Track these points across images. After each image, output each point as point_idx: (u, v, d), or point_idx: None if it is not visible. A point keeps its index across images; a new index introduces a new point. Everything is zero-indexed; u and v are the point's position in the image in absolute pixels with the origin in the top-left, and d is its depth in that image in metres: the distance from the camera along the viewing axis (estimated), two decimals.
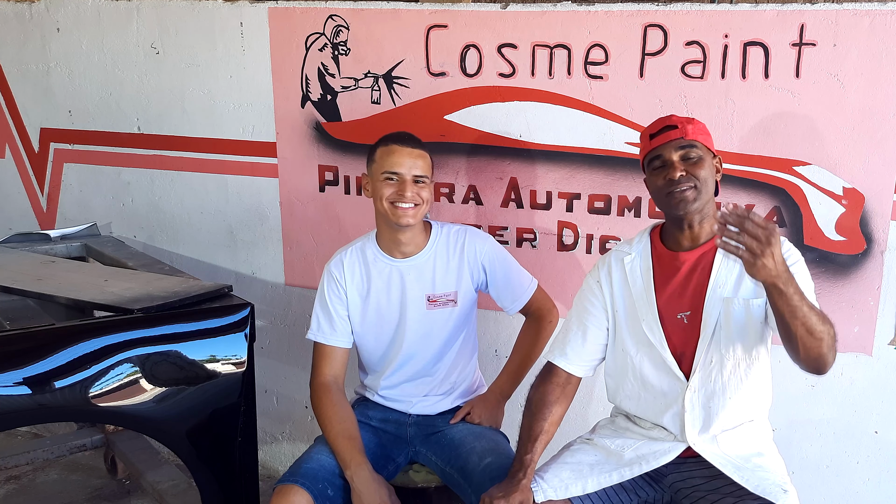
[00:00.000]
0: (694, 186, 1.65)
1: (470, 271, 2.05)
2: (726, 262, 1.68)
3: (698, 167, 1.67)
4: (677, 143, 1.68)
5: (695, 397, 1.69)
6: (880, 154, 2.03)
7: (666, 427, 1.74)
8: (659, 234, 1.80)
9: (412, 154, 1.94)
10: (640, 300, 1.74)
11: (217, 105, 2.70)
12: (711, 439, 1.70)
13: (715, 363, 1.68)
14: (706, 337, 1.67)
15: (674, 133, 1.69)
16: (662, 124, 1.72)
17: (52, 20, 2.85)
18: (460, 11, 2.30)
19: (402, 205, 1.91)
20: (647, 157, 1.75)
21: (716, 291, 1.67)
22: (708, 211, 1.71)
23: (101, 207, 2.97)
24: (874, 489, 2.25)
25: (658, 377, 1.73)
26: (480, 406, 2.07)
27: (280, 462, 2.96)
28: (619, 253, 1.81)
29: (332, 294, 2.03)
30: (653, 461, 1.72)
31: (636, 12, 2.13)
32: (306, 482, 1.80)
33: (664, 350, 1.71)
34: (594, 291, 1.82)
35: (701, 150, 1.69)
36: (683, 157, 1.68)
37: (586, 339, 1.81)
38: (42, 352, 1.74)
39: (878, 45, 1.97)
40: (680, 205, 1.66)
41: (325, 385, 2.00)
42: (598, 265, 1.85)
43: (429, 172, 1.97)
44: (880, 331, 2.14)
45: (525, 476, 1.68)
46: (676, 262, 1.73)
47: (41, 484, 2.91)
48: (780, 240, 1.43)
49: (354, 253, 2.05)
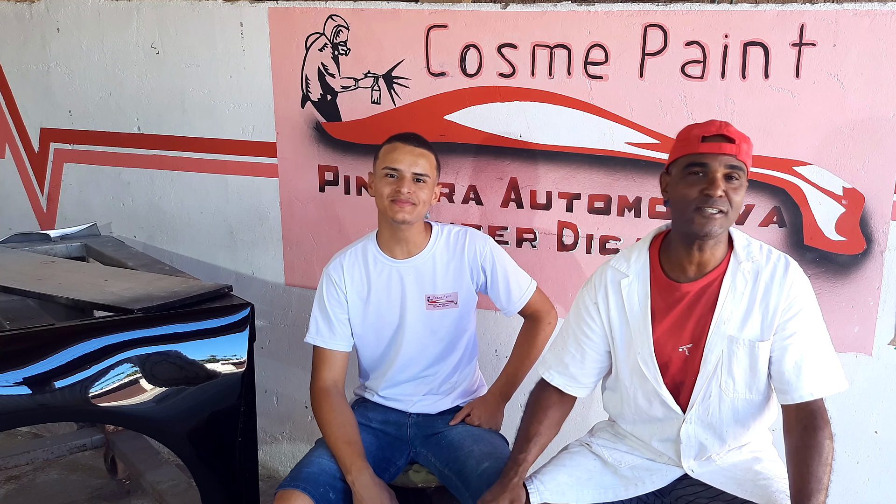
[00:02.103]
0: (725, 213, 1.52)
1: (470, 272, 2.05)
2: (732, 296, 1.59)
3: (737, 193, 1.53)
4: (728, 160, 1.52)
5: (691, 430, 1.66)
6: (880, 154, 2.03)
7: (661, 451, 1.73)
8: (658, 252, 1.68)
9: (413, 152, 1.94)
10: (637, 331, 1.66)
11: (217, 105, 2.70)
12: (708, 462, 1.69)
13: (714, 398, 1.63)
14: (706, 373, 1.62)
15: (729, 147, 1.52)
16: (718, 130, 1.54)
17: (52, 20, 2.85)
18: (460, 11, 2.30)
19: (398, 200, 1.91)
20: (686, 158, 1.56)
21: (720, 327, 1.59)
22: (723, 236, 1.60)
23: (101, 207, 2.97)
24: (874, 489, 2.25)
25: (653, 409, 1.69)
26: (480, 408, 2.07)
27: (280, 462, 2.96)
28: (616, 273, 1.70)
29: (332, 298, 2.03)
30: (649, 484, 1.70)
31: (636, 12, 2.13)
32: (308, 487, 1.80)
33: (659, 385, 1.65)
34: (591, 314, 1.73)
35: (744, 175, 1.55)
36: (727, 177, 1.53)
37: (585, 363, 1.76)
38: (42, 352, 1.74)
39: (878, 45, 1.97)
40: (706, 226, 1.52)
41: (324, 390, 2.00)
42: (594, 283, 1.74)
43: (430, 172, 1.96)
44: (880, 331, 2.14)
45: (517, 475, 1.66)
46: (677, 294, 1.63)
47: (41, 484, 2.91)
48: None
49: (354, 255, 2.05)
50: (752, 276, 1.60)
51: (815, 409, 1.54)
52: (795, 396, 1.56)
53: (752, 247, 1.64)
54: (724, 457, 1.69)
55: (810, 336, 1.58)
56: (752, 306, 1.60)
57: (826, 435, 1.51)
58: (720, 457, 1.69)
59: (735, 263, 1.61)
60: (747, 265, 1.61)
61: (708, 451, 1.68)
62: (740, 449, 1.70)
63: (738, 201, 1.54)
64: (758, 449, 1.72)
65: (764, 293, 1.59)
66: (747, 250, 1.62)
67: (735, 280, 1.60)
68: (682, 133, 1.61)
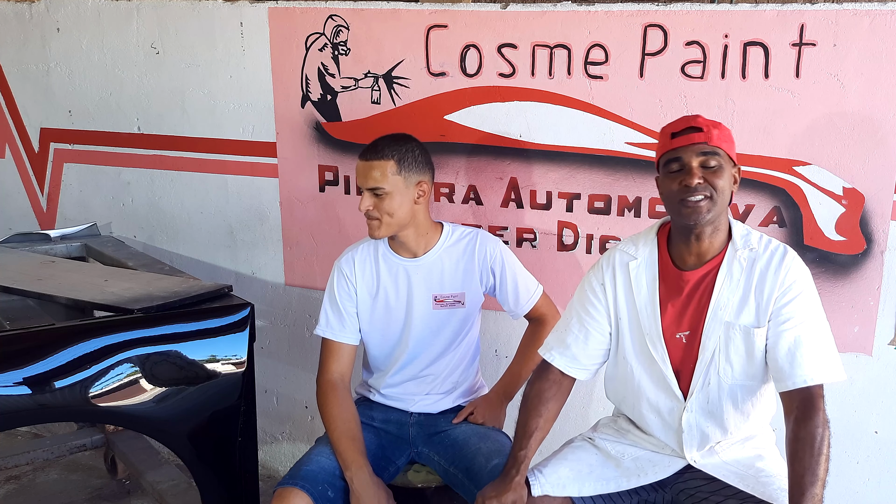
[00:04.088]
0: (710, 197, 1.56)
1: (480, 274, 2.05)
2: (728, 283, 1.62)
3: (717, 176, 1.57)
4: (700, 147, 1.57)
5: (692, 418, 1.67)
6: (880, 154, 2.02)
7: (665, 442, 1.73)
8: (667, 239, 1.72)
9: (365, 167, 1.93)
10: (645, 314, 1.68)
11: (217, 105, 2.70)
12: (710, 452, 1.69)
13: (713, 385, 1.65)
14: (704, 360, 1.64)
15: (698, 136, 1.58)
16: (687, 124, 1.61)
17: (52, 20, 2.85)
18: (460, 11, 2.30)
19: (368, 218, 1.94)
20: (664, 157, 1.63)
21: (717, 314, 1.62)
22: (719, 224, 1.63)
23: (101, 207, 2.97)
24: (874, 489, 2.25)
25: (656, 394, 1.70)
26: (483, 406, 2.07)
27: (280, 462, 2.96)
28: (625, 255, 1.73)
29: (342, 290, 2.03)
30: (651, 475, 1.70)
31: (636, 12, 2.13)
32: (306, 485, 1.80)
33: (667, 368, 1.67)
34: (597, 294, 1.75)
35: (723, 158, 1.58)
36: (703, 164, 1.57)
37: (588, 344, 1.76)
38: (42, 352, 1.74)
39: (878, 45, 1.97)
40: (692, 215, 1.57)
41: (331, 382, 2.00)
42: (601, 264, 1.77)
43: (384, 182, 1.90)
44: (880, 331, 2.14)
45: (518, 473, 1.66)
46: (680, 282, 1.66)
47: (41, 484, 2.91)
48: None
49: (366, 250, 2.06)
50: (748, 263, 1.62)
51: (808, 397, 1.54)
52: (789, 383, 1.56)
53: (750, 236, 1.66)
54: (727, 450, 1.69)
55: (805, 323, 1.58)
56: (748, 293, 1.61)
57: (817, 423, 1.51)
58: (723, 449, 1.69)
59: (732, 252, 1.64)
60: (744, 253, 1.63)
61: (710, 441, 1.68)
62: (743, 444, 1.70)
63: (721, 184, 1.57)
64: (760, 446, 1.72)
65: (759, 280, 1.61)
66: (745, 239, 1.65)
67: (731, 268, 1.63)
68: (660, 134, 1.68)
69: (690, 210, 1.57)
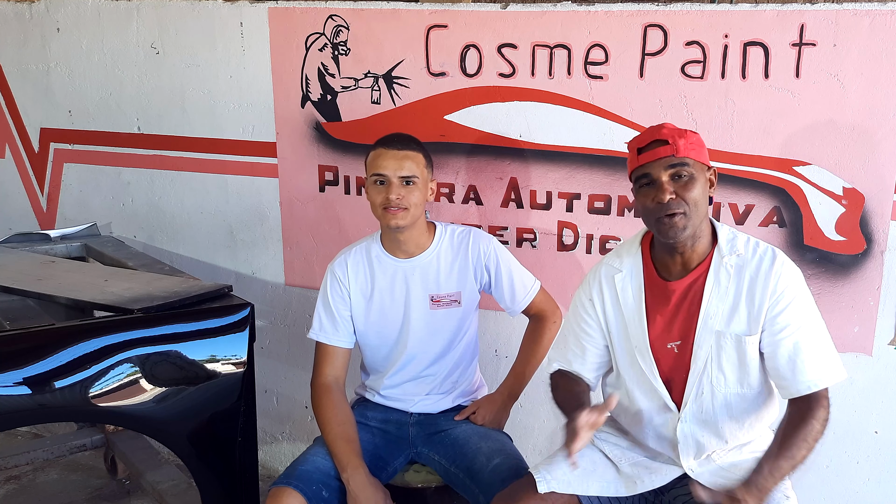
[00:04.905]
0: (684, 213, 1.54)
1: (474, 272, 2.05)
2: (717, 292, 1.60)
3: (689, 188, 1.54)
4: (667, 161, 1.55)
5: (686, 428, 1.66)
6: (880, 154, 2.02)
7: (660, 451, 1.73)
8: (650, 248, 1.71)
9: (397, 156, 1.92)
10: (633, 325, 1.68)
11: (217, 105, 2.70)
12: (707, 461, 1.69)
13: (706, 395, 1.64)
14: (697, 370, 1.63)
15: (664, 150, 1.55)
16: (652, 137, 1.58)
17: (52, 20, 2.85)
18: (460, 11, 2.30)
19: (390, 208, 1.91)
20: (633, 174, 1.61)
21: (707, 323, 1.60)
22: (700, 232, 1.60)
23: (101, 207, 2.97)
24: (874, 489, 2.25)
25: (649, 405, 1.70)
26: (486, 406, 2.07)
27: (280, 462, 2.96)
28: (610, 269, 1.73)
29: (335, 294, 2.03)
30: (648, 483, 1.69)
31: (636, 12, 2.13)
32: (300, 484, 1.80)
33: (655, 379, 1.66)
34: (587, 310, 1.76)
35: (693, 167, 1.56)
36: (674, 176, 1.55)
37: (586, 359, 1.78)
38: (42, 352, 1.74)
39: (878, 45, 1.97)
40: (670, 232, 1.55)
41: (325, 386, 2.00)
42: (588, 281, 1.78)
43: (418, 172, 1.93)
44: (880, 331, 2.14)
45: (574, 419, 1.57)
46: (667, 292, 1.65)
47: (41, 484, 2.91)
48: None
49: (359, 252, 2.05)
50: (735, 269, 1.60)
51: (816, 399, 1.55)
52: (793, 391, 1.56)
53: (736, 241, 1.63)
54: (724, 456, 1.69)
55: (802, 328, 1.57)
56: (739, 301, 1.60)
57: (817, 416, 1.51)
58: (720, 456, 1.69)
59: (718, 258, 1.62)
60: (730, 259, 1.61)
61: (706, 450, 1.68)
62: (741, 449, 1.70)
63: (694, 196, 1.55)
64: (758, 449, 1.70)
65: (749, 287, 1.59)
66: (731, 244, 1.63)
67: (718, 275, 1.61)
68: (628, 149, 1.64)
69: (667, 228, 1.55)
